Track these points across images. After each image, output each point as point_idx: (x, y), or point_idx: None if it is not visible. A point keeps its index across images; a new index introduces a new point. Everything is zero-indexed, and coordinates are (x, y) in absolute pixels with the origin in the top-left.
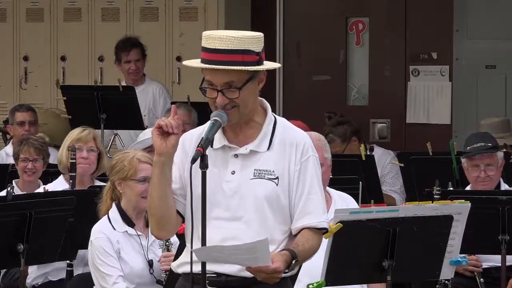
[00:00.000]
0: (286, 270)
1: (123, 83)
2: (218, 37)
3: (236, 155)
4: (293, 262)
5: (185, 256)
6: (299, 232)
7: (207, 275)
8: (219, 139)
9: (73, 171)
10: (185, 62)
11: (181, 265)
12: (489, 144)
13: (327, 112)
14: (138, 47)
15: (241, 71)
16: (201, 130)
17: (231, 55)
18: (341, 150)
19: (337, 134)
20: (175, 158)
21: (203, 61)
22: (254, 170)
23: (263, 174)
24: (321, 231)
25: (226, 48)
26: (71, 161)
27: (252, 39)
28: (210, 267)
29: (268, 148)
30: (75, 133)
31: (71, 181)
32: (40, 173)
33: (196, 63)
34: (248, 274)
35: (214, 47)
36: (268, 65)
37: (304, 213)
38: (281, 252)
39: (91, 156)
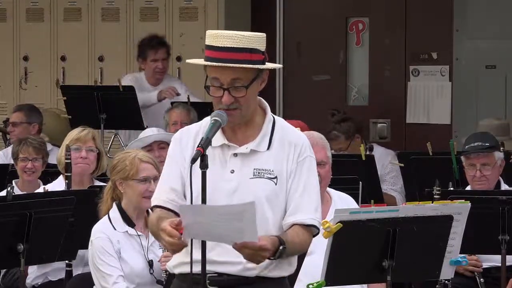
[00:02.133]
0: (272, 258)
1: (143, 80)
2: (227, 35)
3: (235, 154)
4: (280, 247)
5: (181, 256)
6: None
7: (208, 275)
8: (218, 137)
9: (68, 171)
10: (189, 61)
11: (178, 266)
12: (487, 144)
13: (330, 110)
14: (165, 46)
15: (248, 69)
16: (199, 127)
17: (240, 53)
18: (345, 147)
19: (342, 131)
20: (173, 156)
21: (210, 59)
22: (254, 169)
23: (262, 174)
24: (311, 229)
25: (235, 46)
26: (66, 161)
27: (259, 38)
28: (210, 267)
29: (268, 148)
30: (74, 133)
31: (66, 181)
32: (39, 172)
33: (199, 60)
34: (249, 274)
35: (222, 45)
36: (271, 65)
37: (296, 210)
38: (269, 236)
39: (90, 156)
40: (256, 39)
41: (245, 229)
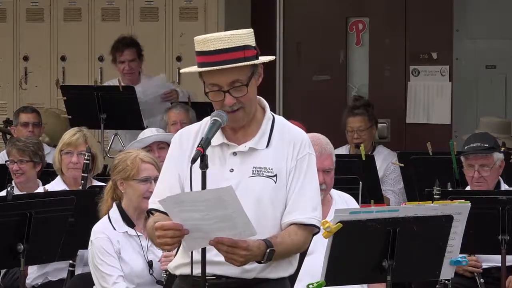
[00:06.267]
0: (262, 261)
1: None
2: (216, 38)
3: (234, 153)
4: (268, 250)
5: (181, 257)
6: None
7: (206, 277)
8: (217, 136)
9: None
10: (183, 70)
11: (179, 267)
12: (486, 145)
13: (355, 94)
14: (133, 47)
15: (244, 67)
16: (198, 127)
17: (233, 53)
18: (364, 126)
19: (368, 113)
20: (172, 158)
21: (204, 64)
22: (253, 167)
23: (261, 172)
24: (310, 228)
25: (227, 47)
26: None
27: (248, 34)
28: (208, 269)
29: (267, 146)
30: (66, 136)
31: (82, 181)
32: (29, 173)
33: (194, 67)
34: (247, 276)
35: (214, 48)
36: (264, 58)
37: (293, 209)
38: (255, 240)
39: (82, 160)
40: (245, 36)
41: (235, 220)
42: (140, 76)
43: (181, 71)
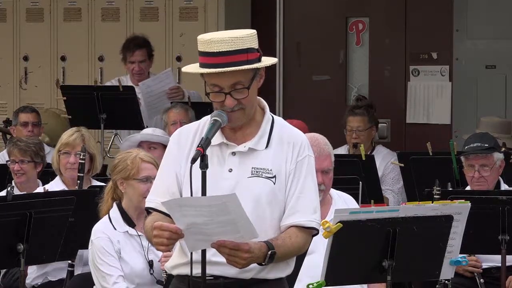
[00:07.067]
0: (263, 263)
1: (129, 82)
2: (220, 40)
3: (233, 153)
4: (269, 252)
5: (178, 257)
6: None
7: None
8: (216, 136)
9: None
10: (185, 69)
11: (176, 267)
12: (486, 145)
13: (358, 94)
14: (144, 47)
15: (246, 71)
16: (197, 126)
17: (236, 56)
18: (363, 127)
19: (368, 114)
20: (170, 156)
21: (206, 65)
22: (252, 168)
23: (260, 173)
24: (309, 231)
25: (230, 49)
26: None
27: (251, 36)
28: (207, 269)
29: (266, 147)
30: (64, 136)
31: (78, 181)
32: (30, 174)
33: (196, 68)
34: (245, 276)
35: (218, 50)
36: (267, 60)
37: (293, 211)
38: (256, 242)
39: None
40: (249, 38)
41: (238, 224)
42: (149, 75)
43: (183, 69)
